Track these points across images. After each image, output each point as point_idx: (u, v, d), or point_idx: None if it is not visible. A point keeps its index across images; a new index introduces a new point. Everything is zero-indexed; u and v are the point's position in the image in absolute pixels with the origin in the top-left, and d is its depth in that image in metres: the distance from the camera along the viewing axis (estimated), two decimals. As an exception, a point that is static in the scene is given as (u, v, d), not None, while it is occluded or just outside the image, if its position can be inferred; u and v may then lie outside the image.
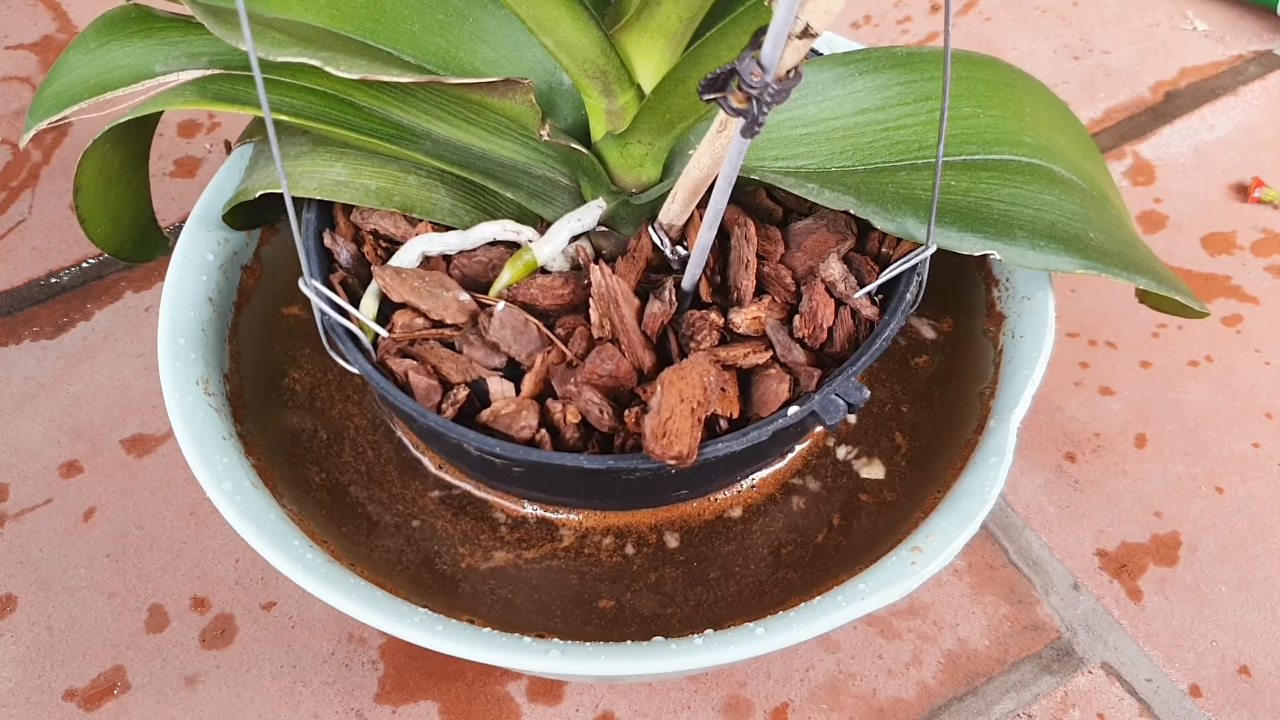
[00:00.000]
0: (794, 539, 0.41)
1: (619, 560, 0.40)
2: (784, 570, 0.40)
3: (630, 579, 0.40)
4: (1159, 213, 0.61)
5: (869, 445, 0.43)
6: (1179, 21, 0.71)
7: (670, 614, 0.39)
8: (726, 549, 0.40)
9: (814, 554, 0.40)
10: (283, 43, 0.35)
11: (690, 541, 0.41)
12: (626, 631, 0.38)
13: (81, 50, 0.41)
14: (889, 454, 0.43)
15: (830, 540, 0.40)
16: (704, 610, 0.39)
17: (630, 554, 0.40)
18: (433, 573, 0.40)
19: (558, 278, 0.39)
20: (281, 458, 0.42)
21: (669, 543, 0.41)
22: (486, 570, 0.40)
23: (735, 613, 0.39)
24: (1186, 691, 0.46)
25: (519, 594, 0.40)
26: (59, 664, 0.47)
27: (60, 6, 0.72)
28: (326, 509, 0.41)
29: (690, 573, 0.40)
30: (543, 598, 0.39)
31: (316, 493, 0.42)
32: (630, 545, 0.40)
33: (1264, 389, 0.55)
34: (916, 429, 0.43)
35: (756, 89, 0.28)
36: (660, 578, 0.40)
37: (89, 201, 0.43)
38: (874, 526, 0.41)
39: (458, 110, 0.41)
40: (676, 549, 0.41)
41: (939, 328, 0.46)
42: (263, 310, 0.46)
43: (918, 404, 0.44)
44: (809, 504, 0.41)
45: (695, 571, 0.40)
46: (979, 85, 0.43)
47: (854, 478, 0.42)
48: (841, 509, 0.41)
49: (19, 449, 0.53)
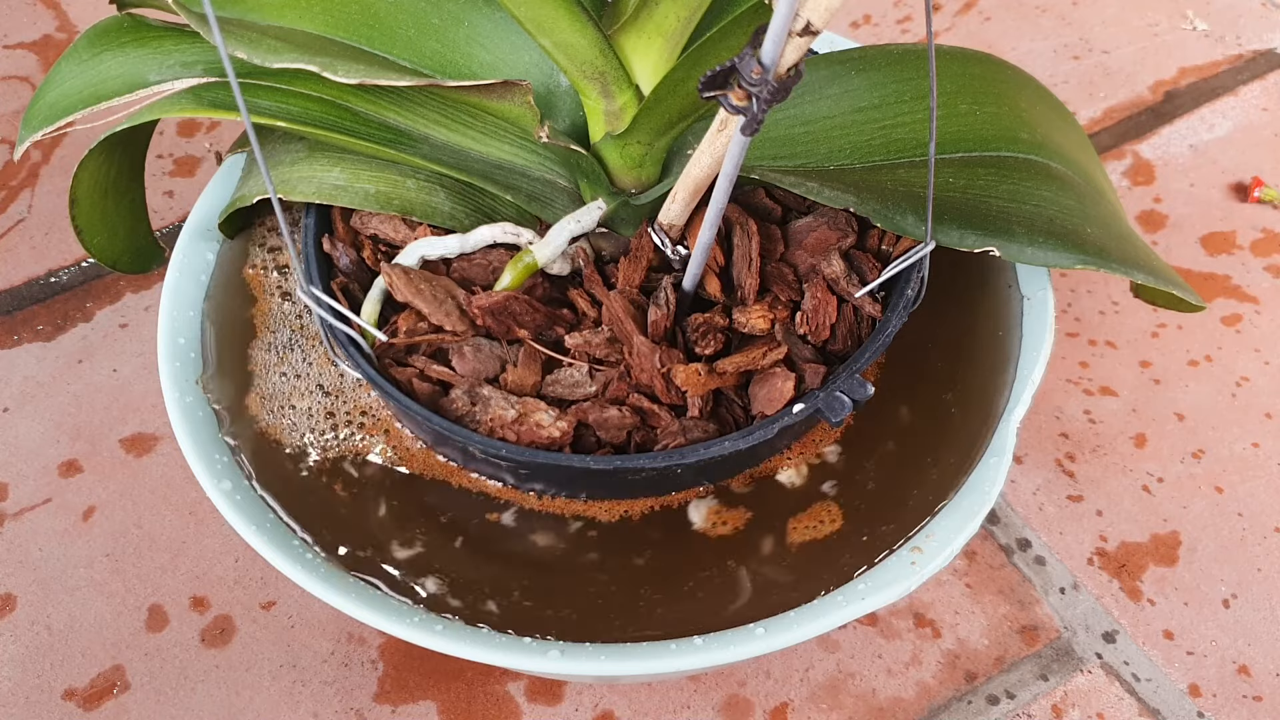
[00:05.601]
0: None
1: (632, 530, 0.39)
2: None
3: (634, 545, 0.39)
4: (1159, 212, 0.61)
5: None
6: (1179, 21, 0.71)
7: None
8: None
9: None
10: (279, 49, 0.35)
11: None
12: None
13: (74, 61, 0.41)
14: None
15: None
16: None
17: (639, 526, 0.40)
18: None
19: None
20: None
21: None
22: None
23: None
24: (1186, 691, 0.46)
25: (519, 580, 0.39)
26: (58, 664, 0.47)
27: (60, 6, 0.72)
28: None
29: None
30: (549, 582, 0.39)
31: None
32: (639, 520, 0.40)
33: (1264, 389, 0.55)
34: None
35: (757, 87, 0.28)
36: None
37: (85, 213, 0.43)
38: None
39: (455, 114, 0.41)
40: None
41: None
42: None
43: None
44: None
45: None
46: (975, 82, 0.43)
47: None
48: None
49: (18, 448, 0.53)
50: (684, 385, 0.37)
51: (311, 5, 0.41)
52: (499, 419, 0.37)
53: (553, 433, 0.37)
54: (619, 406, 0.37)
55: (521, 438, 0.36)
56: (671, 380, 0.37)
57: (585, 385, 0.38)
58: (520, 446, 0.36)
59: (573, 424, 0.37)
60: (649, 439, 0.37)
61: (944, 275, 0.43)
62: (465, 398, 0.37)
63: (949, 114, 0.42)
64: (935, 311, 0.42)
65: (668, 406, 0.38)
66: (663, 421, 0.37)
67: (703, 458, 0.36)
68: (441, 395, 0.38)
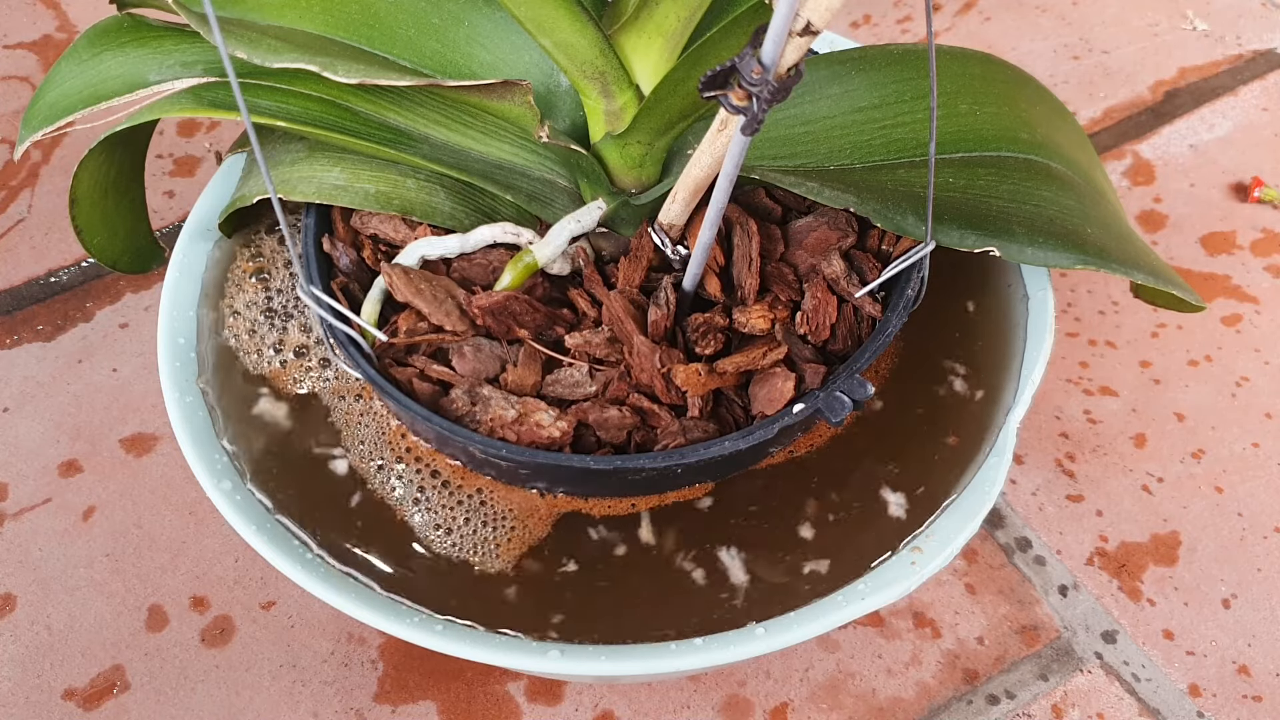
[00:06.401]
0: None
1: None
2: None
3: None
4: (1159, 212, 0.61)
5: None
6: (1179, 21, 0.71)
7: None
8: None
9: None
10: (279, 49, 0.35)
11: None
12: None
13: (74, 61, 0.41)
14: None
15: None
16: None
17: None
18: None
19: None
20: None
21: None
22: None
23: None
24: (1186, 691, 0.46)
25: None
26: (58, 663, 0.47)
27: (60, 6, 0.72)
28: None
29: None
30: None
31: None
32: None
33: (1264, 389, 0.55)
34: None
35: (757, 86, 0.28)
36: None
37: (85, 213, 0.42)
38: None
39: (455, 114, 0.41)
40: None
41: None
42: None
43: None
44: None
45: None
46: (975, 82, 0.43)
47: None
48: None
49: (18, 448, 0.53)
50: (684, 385, 0.37)
51: (311, 5, 0.41)
52: (499, 419, 0.37)
53: (553, 433, 0.37)
54: (619, 406, 0.37)
55: (522, 438, 0.36)
56: (671, 380, 0.37)
57: (585, 385, 0.38)
58: (520, 446, 0.36)
59: (573, 424, 0.37)
60: (649, 439, 0.37)
61: (944, 275, 0.43)
62: (465, 398, 0.37)
63: (949, 114, 0.42)
64: (936, 311, 0.42)
65: (668, 406, 0.38)
66: (663, 421, 0.37)
67: (703, 458, 0.36)
68: (442, 395, 0.38)
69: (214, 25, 0.26)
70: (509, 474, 0.39)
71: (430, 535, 0.38)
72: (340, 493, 0.39)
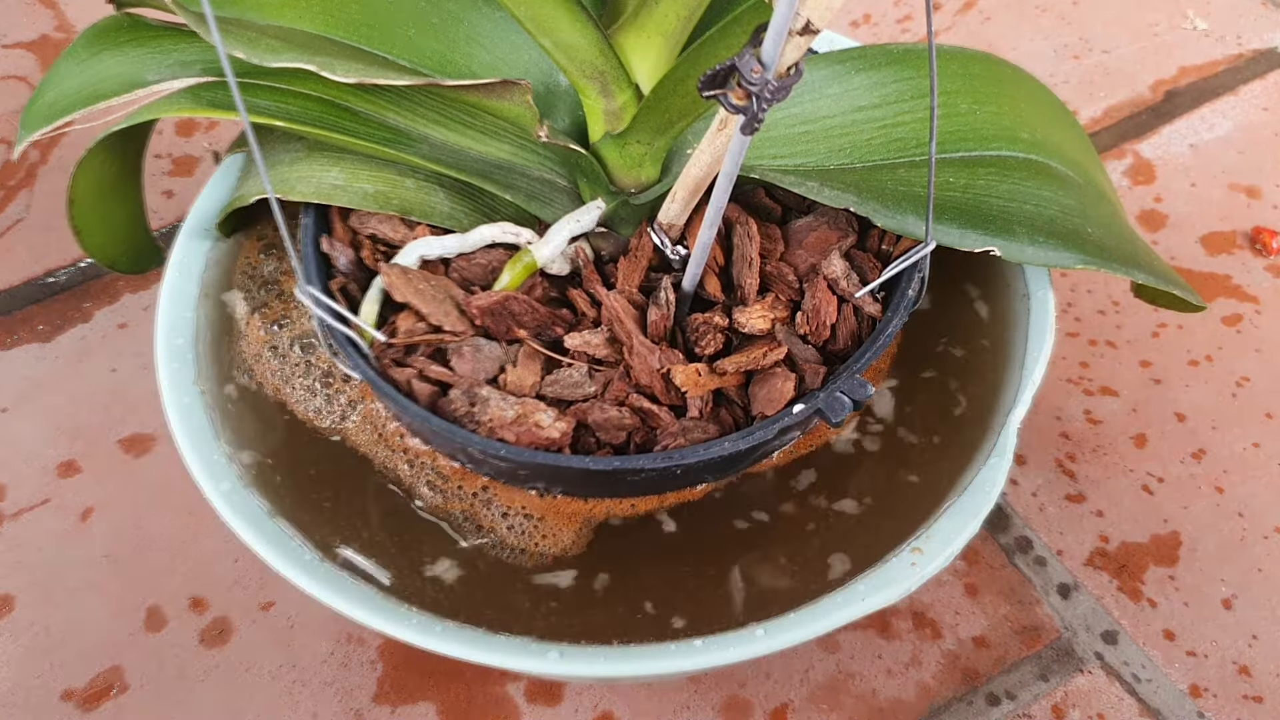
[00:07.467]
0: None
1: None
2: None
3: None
4: (1159, 212, 0.61)
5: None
6: (1179, 21, 0.71)
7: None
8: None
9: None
10: (277, 49, 0.35)
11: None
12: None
13: (73, 60, 0.41)
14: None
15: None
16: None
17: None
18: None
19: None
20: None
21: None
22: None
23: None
24: (1186, 691, 0.46)
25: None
26: (57, 664, 0.47)
27: (58, 5, 0.72)
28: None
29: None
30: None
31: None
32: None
33: (1264, 389, 0.55)
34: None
35: (757, 86, 0.28)
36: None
37: (83, 213, 0.42)
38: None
39: (454, 113, 0.41)
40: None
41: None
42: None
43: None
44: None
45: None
46: (975, 81, 0.43)
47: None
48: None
49: (17, 449, 0.53)
50: (684, 385, 0.37)
51: (310, 4, 0.41)
52: (498, 419, 0.36)
53: (552, 433, 0.36)
54: (619, 407, 0.37)
55: (521, 438, 0.36)
56: (671, 380, 0.37)
57: (585, 385, 0.38)
58: (519, 447, 0.36)
59: (572, 424, 0.37)
60: (649, 439, 0.37)
61: (944, 275, 0.43)
62: (464, 398, 0.37)
63: (949, 113, 0.42)
64: (936, 310, 0.42)
65: (668, 407, 0.37)
66: (663, 422, 0.37)
67: (702, 458, 0.36)
68: (441, 396, 0.38)
69: (212, 25, 0.25)
70: (508, 475, 0.39)
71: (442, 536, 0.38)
72: (342, 491, 0.39)
